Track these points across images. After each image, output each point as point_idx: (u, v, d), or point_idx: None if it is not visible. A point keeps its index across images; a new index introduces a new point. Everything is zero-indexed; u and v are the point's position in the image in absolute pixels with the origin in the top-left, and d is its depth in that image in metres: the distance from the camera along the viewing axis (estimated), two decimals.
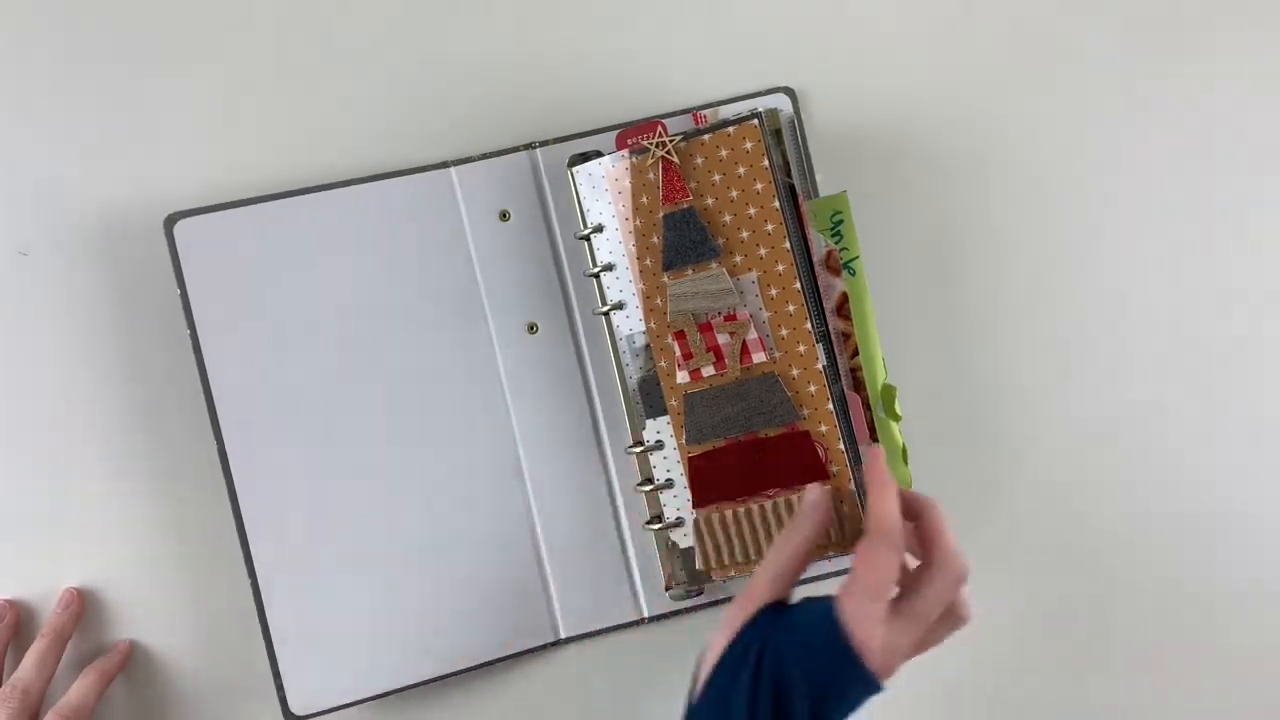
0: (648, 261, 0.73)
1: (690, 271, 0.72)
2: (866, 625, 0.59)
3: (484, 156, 0.79)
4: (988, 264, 0.81)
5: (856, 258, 0.76)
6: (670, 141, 0.71)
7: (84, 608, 0.76)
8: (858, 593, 0.60)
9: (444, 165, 0.78)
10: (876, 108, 0.81)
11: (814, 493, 0.68)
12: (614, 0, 0.81)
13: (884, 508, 0.62)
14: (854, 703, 0.59)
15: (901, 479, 0.75)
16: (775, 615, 0.62)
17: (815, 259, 0.73)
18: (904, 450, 0.76)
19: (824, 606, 0.60)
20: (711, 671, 0.62)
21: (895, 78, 0.81)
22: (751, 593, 0.64)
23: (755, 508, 0.73)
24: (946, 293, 0.81)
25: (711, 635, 0.64)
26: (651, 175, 0.72)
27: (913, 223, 0.81)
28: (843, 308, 0.75)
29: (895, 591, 0.61)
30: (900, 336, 0.79)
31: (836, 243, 0.76)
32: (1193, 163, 0.81)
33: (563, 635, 0.78)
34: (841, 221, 0.76)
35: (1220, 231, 0.81)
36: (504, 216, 0.78)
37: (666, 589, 0.77)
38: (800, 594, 0.64)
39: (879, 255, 0.79)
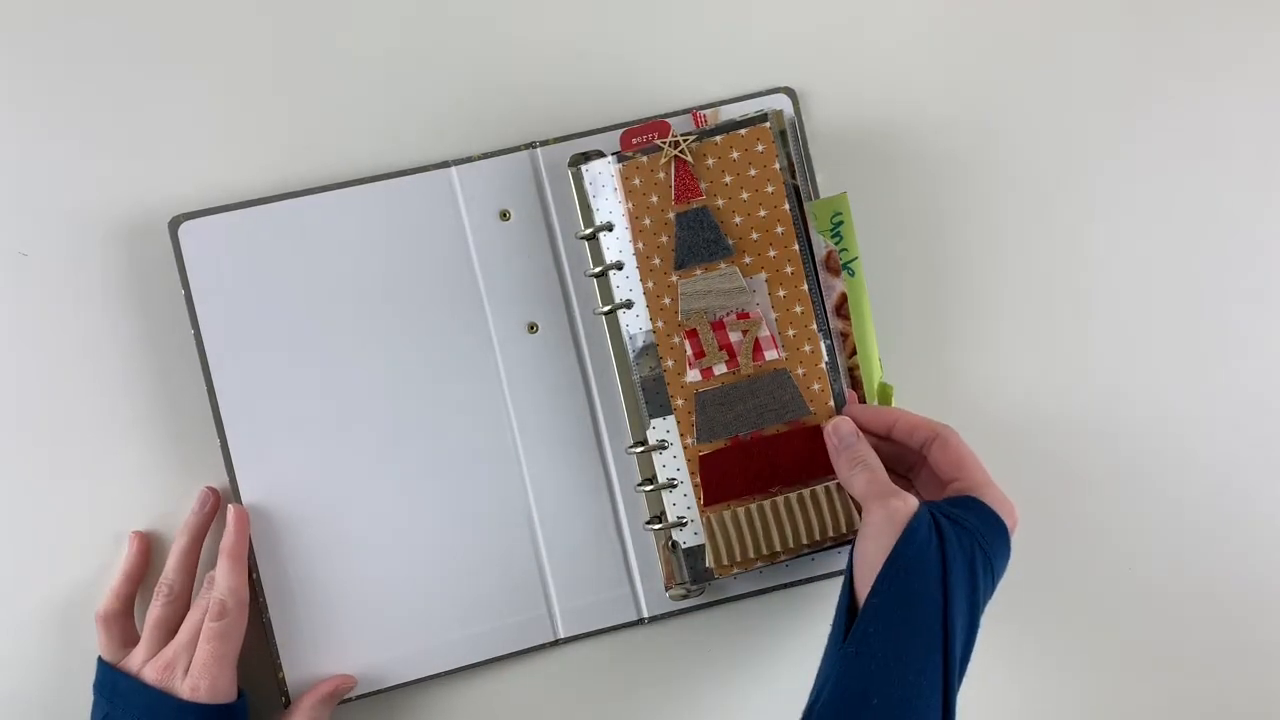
0: (656, 261, 0.73)
1: (700, 271, 0.72)
2: (1014, 515, 0.68)
3: (484, 156, 0.78)
4: (986, 264, 0.82)
5: (856, 258, 0.76)
6: (685, 141, 0.71)
7: (219, 505, 0.77)
8: (995, 490, 0.68)
9: (444, 165, 0.78)
10: (876, 108, 0.81)
11: (848, 425, 0.72)
12: (615, 0, 0.81)
13: (917, 418, 0.71)
14: (1004, 567, 0.67)
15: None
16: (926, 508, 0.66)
17: (816, 259, 0.74)
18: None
19: (977, 501, 0.67)
20: (890, 554, 0.64)
21: (895, 78, 0.82)
22: (895, 495, 0.67)
23: (767, 505, 0.73)
24: (945, 293, 0.81)
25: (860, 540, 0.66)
26: (662, 174, 0.72)
27: (912, 223, 0.81)
28: (841, 308, 0.75)
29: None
30: (898, 336, 0.80)
31: (836, 243, 0.76)
32: (1193, 162, 0.83)
33: (562, 635, 0.78)
34: (842, 223, 0.76)
35: (1221, 230, 0.82)
36: (504, 216, 0.78)
37: (666, 589, 0.77)
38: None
39: (878, 255, 0.80)
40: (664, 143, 0.71)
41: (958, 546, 0.64)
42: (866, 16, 0.82)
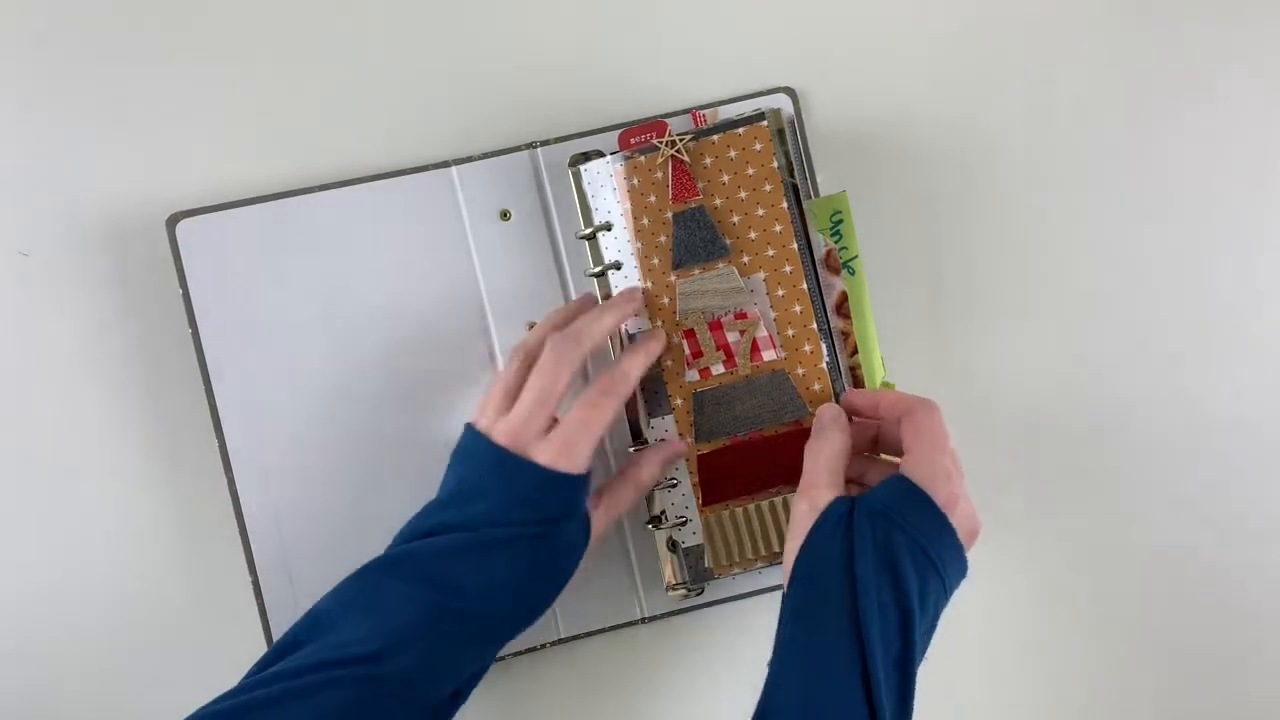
0: (654, 261, 0.73)
1: (698, 271, 0.72)
2: (950, 492, 0.64)
3: (484, 156, 0.78)
4: (986, 263, 0.81)
5: (856, 257, 0.76)
6: (681, 140, 0.71)
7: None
8: (927, 466, 0.65)
9: (445, 165, 0.78)
10: (876, 108, 0.81)
11: (828, 411, 0.71)
12: (614, 0, 0.81)
13: (899, 395, 0.70)
14: (948, 558, 0.64)
15: None
16: (844, 501, 0.65)
17: (815, 258, 0.73)
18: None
19: (897, 477, 0.65)
20: (798, 554, 0.65)
21: (895, 78, 0.82)
22: (816, 488, 0.67)
23: (765, 505, 0.73)
24: (945, 292, 0.81)
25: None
26: (659, 174, 0.72)
27: (912, 222, 0.81)
28: (842, 306, 0.75)
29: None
30: (898, 335, 0.80)
31: (836, 242, 0.76)
32: (1193, 161, 0.82)
33: (563, 635, 0.78)
34: (841, 221, 0.76)
35: (1220, 230, 0.82)
36: (505, 216, 0.78)
37: (667, 589, 0.77)
38: None
39: (878, 254, 0.79)
40: (661, 142, 0.71)
41: (869, 537, 0.62)
42: (866, 16, 0.82)
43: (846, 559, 0.62)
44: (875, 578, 0.61)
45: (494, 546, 0.65)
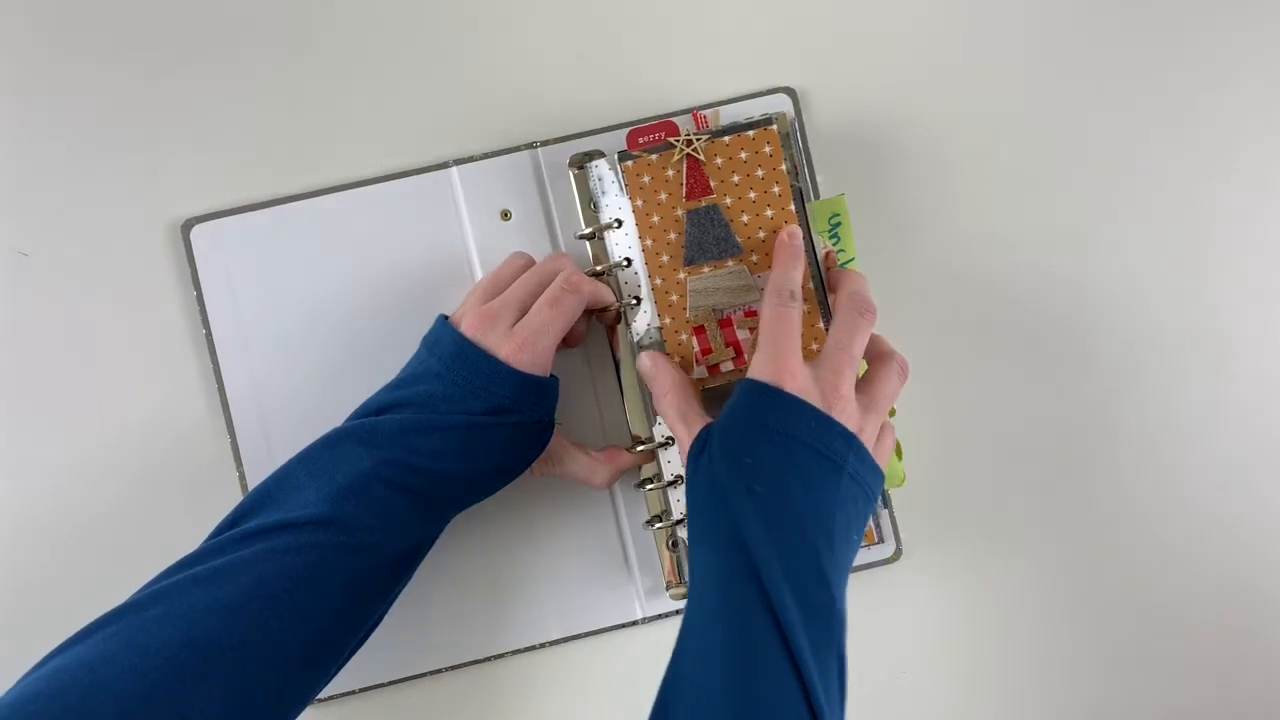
0: (664, 258, 0.73)
1: (708, 269, 0.73)
2: (779, 367, 0.63)
3: (485, 156, 0.79)
4: (987, 264, 0.82)
5: (853, 259, 0.77)
6: (697, 140, 0.72)
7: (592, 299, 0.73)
8: (762, 352, 0.65)
9: (445, 165, 0.78)
10: (876, 108, 0.82)
11: (645, 362, 0.72)
12: (615, 0, 0.81)
13: (785, 276, 0.68)
14: (811, 427, 0.63)
15: (895, 475, 0.76)
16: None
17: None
18: (899, 447, 0.77)
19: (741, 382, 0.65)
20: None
21: (895, 78, 0.82)
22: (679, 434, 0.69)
23: None
24: (944, 293, 0.82)
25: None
26: (672, 172, 0.72)
27: (912, 223, 0.82)
28: None
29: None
30: (897, 336, 0.80)
31: (834, 244, 0.77)
32: (1193, 161, 0.83)
33: (562, 635, 0.78)
34: (839, 224, 0.77)
35: (1222, 230, 0.83)
36: (505, 216, 0.78)
37: (667, 589, 0.77)
38: None
39: (878, 255, 0.80)
40: (677, 141, 0.72)
41: (719, 450, 0.63)
42: (866, 16, 0.82)
43: (710, 481, 0.63)
44: (736, 484, 0.62)
45: (435, 430, 0.66)
